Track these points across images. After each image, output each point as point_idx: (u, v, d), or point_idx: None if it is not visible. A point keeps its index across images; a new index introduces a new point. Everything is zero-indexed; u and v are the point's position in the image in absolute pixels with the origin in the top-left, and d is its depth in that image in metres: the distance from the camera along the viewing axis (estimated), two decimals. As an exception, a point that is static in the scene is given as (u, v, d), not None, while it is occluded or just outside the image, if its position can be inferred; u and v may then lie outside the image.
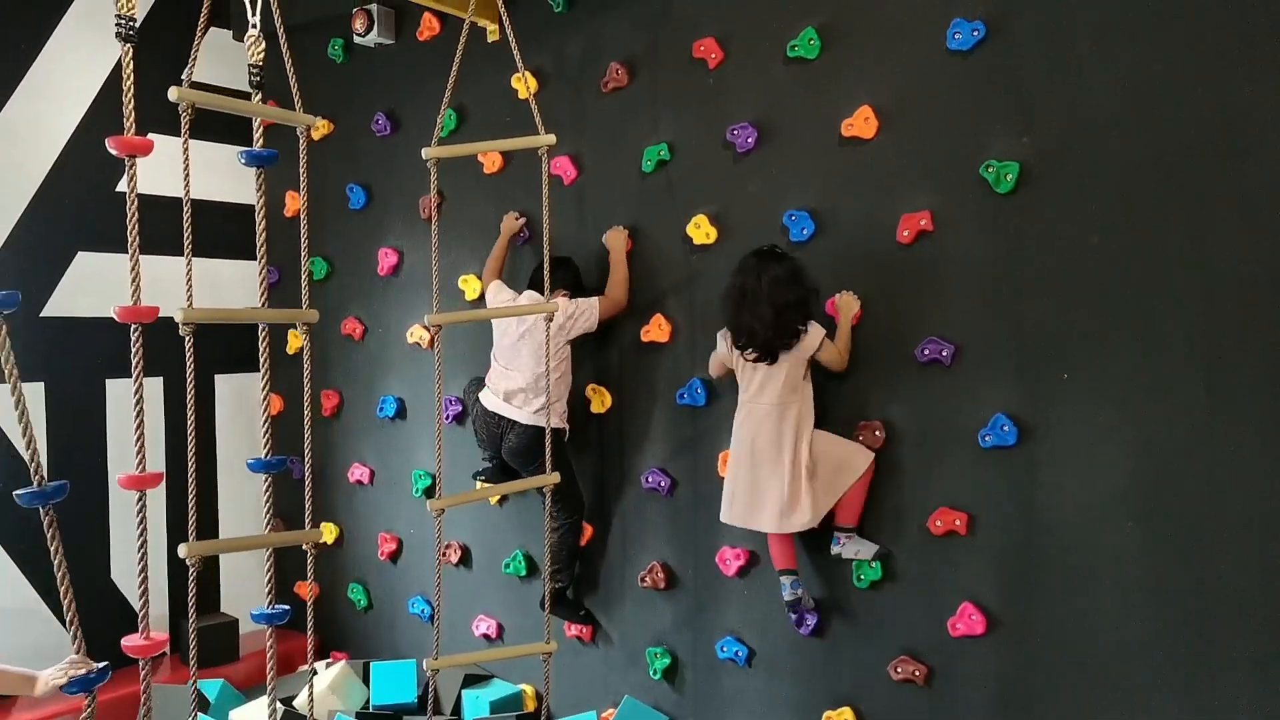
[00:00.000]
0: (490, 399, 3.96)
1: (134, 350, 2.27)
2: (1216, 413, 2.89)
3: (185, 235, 2.39)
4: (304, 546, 2.81)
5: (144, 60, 2.79)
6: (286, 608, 2.80)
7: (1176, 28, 2.93)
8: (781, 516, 3.34)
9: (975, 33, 3.20)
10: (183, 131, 2.28)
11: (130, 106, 2.39)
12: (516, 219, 4.24)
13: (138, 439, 2.32)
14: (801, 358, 3.35)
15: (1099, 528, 3.06)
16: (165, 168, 3.41)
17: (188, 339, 2.23)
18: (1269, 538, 2.81)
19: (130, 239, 2.38)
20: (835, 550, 3.39)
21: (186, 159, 2.33)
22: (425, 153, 2.88)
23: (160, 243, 4.61)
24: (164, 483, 4.65)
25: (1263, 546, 2.81)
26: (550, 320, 3.38)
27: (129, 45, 2.42)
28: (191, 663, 3.75)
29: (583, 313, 3.85)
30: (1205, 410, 2.91)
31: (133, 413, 2.30)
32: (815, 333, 3.34)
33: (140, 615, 2.42)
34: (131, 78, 2.51)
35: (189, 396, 2.51)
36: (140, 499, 2.38)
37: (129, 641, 2.38)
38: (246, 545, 2.92)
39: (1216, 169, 2.88)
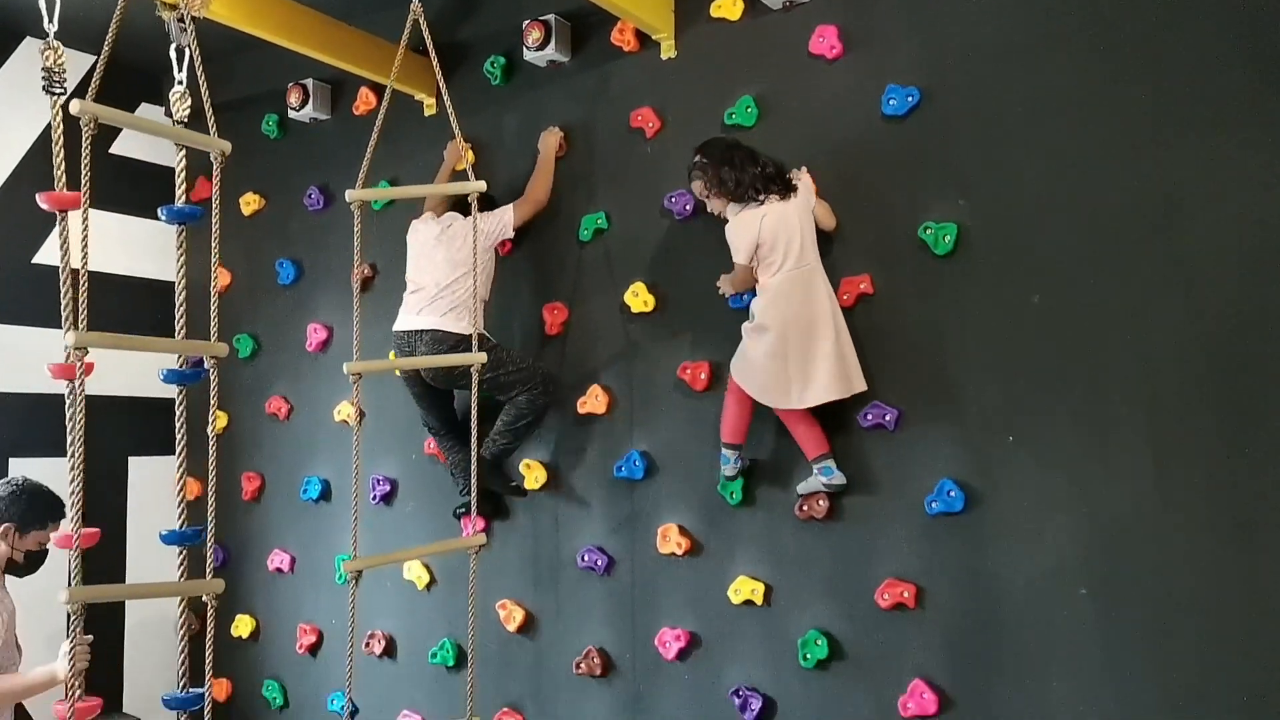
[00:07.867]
0: (400, 321, 3.79)
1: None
2: (1163, 480, 2.84)
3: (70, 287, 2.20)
4: (204, 598, 2.58)
5: (72, 136, 2.60)
6: (201, 691, 2.56)
7: (1103, 102, 2.97)
8: (839, 380, 3.12)
9: (909, 98, 3.22)
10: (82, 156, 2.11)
11: (60, 157, 2.27)
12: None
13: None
14: (808, 202, 3.24)
15: (1052, 601, 2.95)
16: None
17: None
18: (1221, 613, 2.74)
19: (63, 277, 2.26)
20: (832, 479, 3.19)
21: (87, 213, 2.15)
22: (349, 195, 2.81)
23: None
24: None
25: (1217, 623, 2.74)
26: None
27: (57, 99, 2.30)
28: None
29: (497, 223, 3.77)
30: (1152, 478, 2.85)
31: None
32: (806, 180, 3.28)
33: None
34: (60, 128, 2.36)
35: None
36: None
37: None
38: (136, 594, 2.67)
39: (1150, 238, 2.89)
